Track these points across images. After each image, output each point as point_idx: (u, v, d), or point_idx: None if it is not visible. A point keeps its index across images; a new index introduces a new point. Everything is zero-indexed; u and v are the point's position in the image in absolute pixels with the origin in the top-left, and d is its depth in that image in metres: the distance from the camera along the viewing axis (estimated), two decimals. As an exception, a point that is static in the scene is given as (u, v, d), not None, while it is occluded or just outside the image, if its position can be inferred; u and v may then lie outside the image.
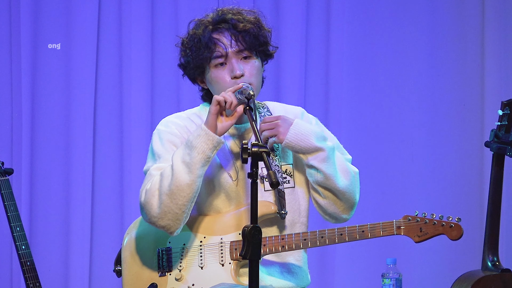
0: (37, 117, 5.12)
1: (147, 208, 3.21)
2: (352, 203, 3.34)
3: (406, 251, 5.38)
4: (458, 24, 5.51)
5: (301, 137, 3.28)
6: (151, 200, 3.20)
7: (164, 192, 3.17)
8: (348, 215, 3.36)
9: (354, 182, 3.34)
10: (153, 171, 3.26)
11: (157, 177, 3.21)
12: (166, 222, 3.21)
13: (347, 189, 3.31)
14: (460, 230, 3.33)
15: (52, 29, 5.14)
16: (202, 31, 3.29)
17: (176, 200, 3.19)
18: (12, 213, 4.06)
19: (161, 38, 5.27)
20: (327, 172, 3.28)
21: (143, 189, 3.25)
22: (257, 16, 3.35)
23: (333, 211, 3.33)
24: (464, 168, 5.50)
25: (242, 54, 3.30)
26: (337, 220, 3.37)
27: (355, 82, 5.49)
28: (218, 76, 3.30)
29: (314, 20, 5.46)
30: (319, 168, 3.27)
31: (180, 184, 3.17)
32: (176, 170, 3.17)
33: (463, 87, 5.52)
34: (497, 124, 3.92)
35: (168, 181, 3.17)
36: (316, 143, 3.27)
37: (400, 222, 3.33)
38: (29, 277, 4.04)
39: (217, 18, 3.31)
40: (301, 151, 3.28)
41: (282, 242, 3.31)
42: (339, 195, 3.31)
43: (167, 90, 5.28)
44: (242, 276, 3.34)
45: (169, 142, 3.32)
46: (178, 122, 3.37)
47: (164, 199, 3.18)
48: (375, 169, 5.43)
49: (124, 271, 3.38)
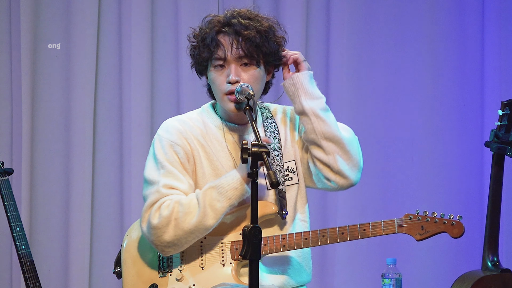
0: (37, 117, 5.12)
1: (157, 233, 3.24)
2: (357, 161, 3.31)
3: (406, 251, 5.38)
4: (458, 24, 5.51)
5: (312, 82, 3.34)
6: (165, 228, 3.23)
7: (183, 228, 3.22)
8: (355, 175, 3.32)
9: (356, 141, 3.35)
10: (164, 189, 3.27)
11: (177, 207, 3.24)
12: (168, 250, 3.27)
13: (351, 142, 3.31)
14: (461, 227, 3.33)
15: (52, 29, 5.14)
16: (209, 30, 3.29)
17: (192, 238, 3.26)
18: (12, 213, 4.05)
19: (161, 38, 5.26)
20: (327, 119, 3.30)
21: (157, 211, 3.25)
22: (270, 24, 3.32)
23: (339, 167, 3.29)
24: (464, 168, 5.50)
25: (242, 60, 3.29)
26: (344, 180, 3.31)
27: (355, 82, 5.49)
28: (215, 77, 3.31)
29: (314, 20, 5.46)
30: (320, 115, 3.30)
31: (205, 226, 3.23)
32: (203, 213, 3.22)
33: (463, 87, 5.52)
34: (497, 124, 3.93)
35: (193, 220, 3.22)
36: (319, 91, 3.33)
37: (401, 221, 3.33)
38: (29, 277, 4.04)
39: (227, 19, 3.30)
40: (307, 90, 3.31)
41: (283, 242, 3.31)
42: (343, 146, 3.29)
43: (167, 90, 5.28)
44: (243, 276, 3.34)
45: (172, 151, 3.32)
46: (179, 127, 3.37)
47: (180, 234, 3.23)
48: (375, 169, 5.43)
49: (124, 272, 3.38)
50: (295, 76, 3.34)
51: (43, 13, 5.13)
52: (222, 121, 3.40)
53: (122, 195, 5.21)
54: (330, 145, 3.29)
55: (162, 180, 3.28)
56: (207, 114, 3.41)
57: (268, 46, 3.29)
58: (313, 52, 5.45)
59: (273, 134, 3.40)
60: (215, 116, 3.41)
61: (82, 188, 5.14)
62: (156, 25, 5.27)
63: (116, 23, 5.23)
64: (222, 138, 3.38)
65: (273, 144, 3.38)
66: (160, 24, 5.28)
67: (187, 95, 5.25)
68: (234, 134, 3.39)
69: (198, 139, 3.35)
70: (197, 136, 3.36)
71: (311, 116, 3.30)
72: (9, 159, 5.06)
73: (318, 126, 3.29)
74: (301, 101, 3.32)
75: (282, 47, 3.35)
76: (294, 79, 3.34)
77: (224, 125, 3.39)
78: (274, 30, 3.32)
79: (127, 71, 5.22)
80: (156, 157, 3.33)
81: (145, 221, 3.27)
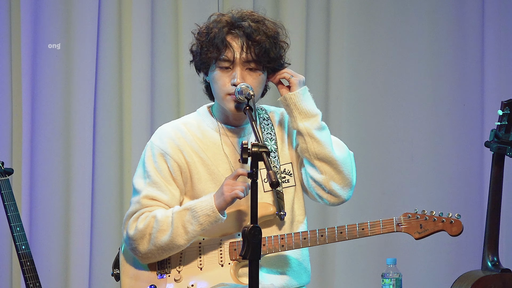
0: (37, 117, 5.12)
1: (133, 244, 3.31)
2: (350, 181, 3.33)
3: (406, 251, 5.37)
4: (458, 24, 5.51)
5: (306, 97, 3.33)
6: (140, 240, 3.30)
7: (155, 244, 3.28)
8: (347, 193, 3.34)
9: (350, 159, 3.35)
10: (145, 200, 3.33)
11: (152, 222, 3.29)
12: (144, 260, 3.34)
13: (344, 162, 3.31)
14: (460, 226, 3.33)
15: (52, 29, 5.14)
16: (218, 29, 3.27)
17: (165, 254, 3.32)
18: (12, 213, 4.05)
19: (161, 38, 5.26)
20: (322, 140, 3.29)
21: (134, 222, 3.32)
22: (277, 29, 3.32)
23: (331, 187, 3.31)
24: (464, 168, 5.50)
25: (249, 64, 3.29)
26: (336, 199, 3.34)
27: (355, 82, 5.49)
28: (220, 78, 3.30)
29: (314, 20, 5.45)
30: (314, 135, 3.29)
31: (176, 245, 3.29)
32: (175, 233, 3.27)
33: (463, 87, 5.52)
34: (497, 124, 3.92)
35: (165, 238, 3.27)
36: (316, 108, 3.32)
37: (400, 219, 3.34)
38: (29, 277, 4.04)
39: (236, 20, 3.29)
40: (301, 110, 3.30)
41: (282, 242, 3.31)
42: (336, 167, 3.30)
43: (167, 90, 5.28)
44: (241, 276, 3.34)
45: (162, 160, 3.36)
46: (172, 135, 3.37)
47: (152, 249, 3.29)
48: (375, 169, 5.43)
49: (122, 274, 3.38)
50: (288, 97, 3.33)
51: (43, 13, 5.12)
52: (219, 123, 3.40)
53: (122, 195, 5.21)
54: (323, 165, 3.31)
55: (146, 190, 3.34)
56: (203, 117, 3.42)
57: (275, 51, 3.30)
58: (313, 52, 5.44)
59: (270, 136, 3.40)
60: (212, 119, 3.41)
61: (82, 188, 5.13)
62: (156, 25, 5.27)
63: (116, 23, 5.23)
64: (218, 140, 3.38)
65: (270, 146, 3.38)
66: (160, 24, 5.28)
67: (187, 95, 5.25)
68: (231, 136, 3.40)
69: (192, 146, 3.36)
70: (191, 142, 3.36)
71: (305, 137, 3.31)
72: (9, 159, 5.06)
73: (311, 147, 3.30)
74: (296, 122, 3.33)
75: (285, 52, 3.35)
76: (287, 100, 3.34)
77: (220, 127, 3.40)
78: (280, 35, 3.32)
79: (127, 71, 5.22)
80: (145, 165, 3.38)
81: (125, 229, 3.35)
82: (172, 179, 3.35)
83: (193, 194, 3.36)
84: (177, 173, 3.35)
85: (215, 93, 3.34)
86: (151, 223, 3.29)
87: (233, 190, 3.22)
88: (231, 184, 3.22)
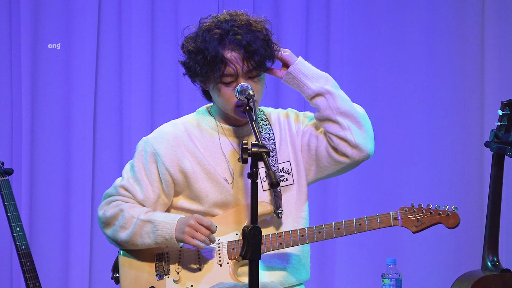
0: (37, 117, 5.12)
1: (100, 224, 3.43)
2: (371, 134, 3.37)
3: (406, 251, 5.37)
4: (458, 24, 5.51)
5: (307, 64, 3.37)
6: (105, 225, 3.41)
7: (114, 236, 3.38)
8: (370, 146, 3.35)
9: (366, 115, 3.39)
10: (121, 190, 3.41)
11: (118, 215, 3.37)
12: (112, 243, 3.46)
13: (364, 116, 3.36)
14: (457, 218, 3.34)
15: (52, 29, 5.14)
16: (213, 46, 3.26)
17: (124, 247, 3.40)
18: (12, 213, 4.05)
19: (161, 38, 5.26)
20: (342, 95, 3.33)
21: (106, 205, 3.41)
22: (265, 27, 3.32)
23: (356, 140, 3.32)
24: (464, 168, 5.50)
25: (251, 73, 3.30)
26: (361, 153, 3.34)
27: (355, 82, 5.49)
28: (225, 93, 3.30)
29: (314, 20, 5.46)
30: (333, 92, 3.32)
31: (133, 245, 3.36)
32: (133, 236, 3.34)
33: (463, 87, 5.52)
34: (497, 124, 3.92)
35: (124, 235, 3.35)
36: (319, 71, 3.36)
37: (396, 214, 3.34)
38: (29, 277, 4.04)
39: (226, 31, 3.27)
40: (311, 75, 3.33)
41: (280, 240, 3.32)
42: (359, 120, 3.33)
43: (167, 90, 5.28)
44: (241, 275, 3.34)
45: (152, 160, 3.38)
46: (169, 136, 3.39)
47: (113, 238, 3.39)
48: (375, 169, 5.43)
49: (122, 277, 3.39)
50: (291, 70, 3.35)
51: (43, 13, 5.13)
52: (218, 122, 3.41)
53: (122, 195, 5.21)
54: (346, 120, 3.32)
55: (127, 180, 3.41)
56: (202, 117, 3.43)
57: (269, 52, 3.31)
58: (313, 52, 5.44)
59: (268, 135, 3.41)
60: (210, 118, 3.42)
61: (82, 188, 5.14)
62: (156, 25, 5.27)
63: (116, 23, 5.23)
64: (217, 140, 3.39)
65: (268, 145, 3.39)
66: (160, 24, 5.28)
67: (187, 95, 5.25)
68: (230, 135, 3.40)
69: (189, 145, 3.37)
70: (189, 142, 3.37)
71: (325, 94, 3.32)
72: (9, 159, 5.06)
73: (333, 102, 3.31)
74: (309, 87, 3.33)
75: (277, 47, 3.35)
76: (292, 73, 3.35)
77: (219, 126, 3.41)
78: (268, 31, 3.33)
79: (127, 71, 5.23)
80: (135, 159, 3.42)
81: (100, 206, 3.44)
82: (156, 180, 3.38)
83: (190, 194, 3.37)
84: (164, 176, 3.36)
85: (220, 104, 3.34)
86: (117, 215, 3.37)
87: (194, 236, 3.25)
88: (195, 228, 3.26)
